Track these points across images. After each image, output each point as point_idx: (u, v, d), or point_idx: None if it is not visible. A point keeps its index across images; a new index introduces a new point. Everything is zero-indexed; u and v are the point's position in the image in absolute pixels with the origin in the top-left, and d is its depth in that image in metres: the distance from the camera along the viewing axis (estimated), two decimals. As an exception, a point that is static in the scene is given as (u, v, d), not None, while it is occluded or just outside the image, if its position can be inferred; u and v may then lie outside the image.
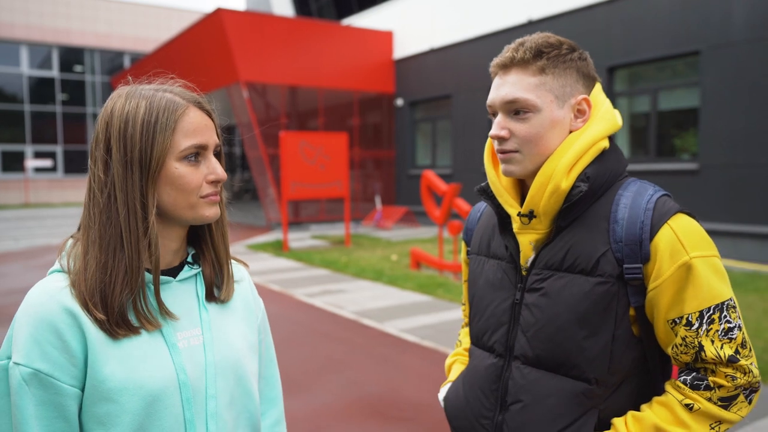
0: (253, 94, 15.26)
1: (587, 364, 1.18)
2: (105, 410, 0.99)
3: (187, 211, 1.07)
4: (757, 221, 8.81)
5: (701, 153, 9.54)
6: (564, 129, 1.23)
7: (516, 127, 1.22)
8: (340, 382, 4.51)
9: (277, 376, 1.34)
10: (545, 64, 1.21)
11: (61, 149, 30.43)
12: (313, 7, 20.99)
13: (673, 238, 1.14)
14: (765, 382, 4.30)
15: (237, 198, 23.22)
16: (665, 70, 10.40)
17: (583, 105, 1.24)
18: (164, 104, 1.05)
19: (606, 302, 1.16)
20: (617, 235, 1.17)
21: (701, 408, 1.12)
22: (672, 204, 1.19)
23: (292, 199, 12.44)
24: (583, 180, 1.19)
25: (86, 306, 1.00)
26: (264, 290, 7.89)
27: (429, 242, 11.85)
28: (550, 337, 1.20)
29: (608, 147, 1.24)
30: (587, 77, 1.26)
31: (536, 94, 1.20)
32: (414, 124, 16.57)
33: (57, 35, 30.70)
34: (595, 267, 1.17)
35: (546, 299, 1.22)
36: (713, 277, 1.13)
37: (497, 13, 13.31)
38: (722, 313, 1.12)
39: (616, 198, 1.21)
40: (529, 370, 1.24)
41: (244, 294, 1.24)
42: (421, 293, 7.54)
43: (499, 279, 1.32)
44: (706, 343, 1.12)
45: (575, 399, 1.19)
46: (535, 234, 1.25)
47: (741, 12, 8.97)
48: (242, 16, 15.18)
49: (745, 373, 1.12)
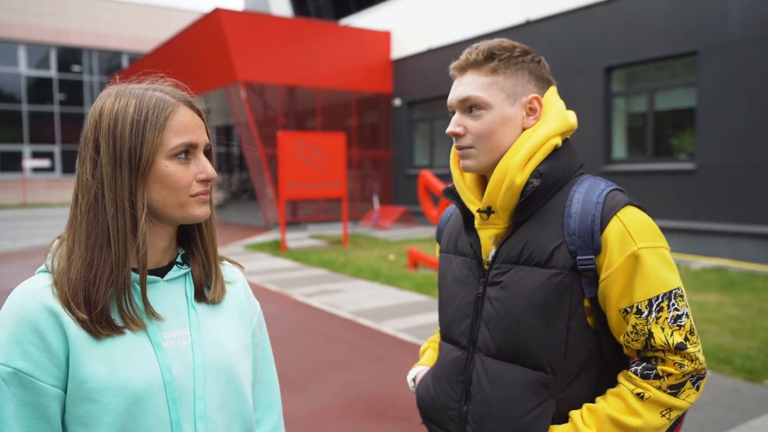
0: (251, 94, 15.26)
1: (543, 353, 1.22)
2: (87, 410, 0.98)
3: (176, 209, 1.07)
4: (754, 221, 8.83)
5: (698, 153, 9.55)
6: (516, 126, 1.30)
7: (470, 123, 1.31)
8: (337, 381, 4.51)
9: (275, 379, 1.31)
10: (497, 65, 1.29)
11: (58, 149, 30.40)
12: (311, 7, 20.99)
13: (622, 230, 1.19)
14: (758, 380, 4.32)
15: (235, 198, 23.20)
16: (663, 70, 10.42)
17: (534, 103, 1.30)
18: (154, 102, 1.05)
19: (560, 293, 1.21)
20: (571, 228, 1.22)
21: (651, 396, 1.16)
22: (621, 197, 1.24)
23: (289, 199, 12.44)
24: (535, 176, 1.25)
25: (68, 305, 0.99)
26: (261, 290, 7.90)
27: (426, 242, 11.86)
28: (508, 328, 1.26)
29: (561, 145, 1.30)
30: (540, 79, 1.33)
31: (488, 92, 1.29)
32: (412, 124, 16.57)
33: (55, 35, 30.67)
34: (550, 259, 1.23)
35: (505, 292, 1.27)
36: (661, 267, 1.18)
37: (495, 13, 13.32)
38: (671, 301, 1.17)
39: (571, 194, 1.27)
40: (490, 362, 1.29)
41: (238, 295, 1.23)
42: (419, 293, 7.55)
43: (464, 275, 1.38)
44: (655, 330, 1.17)
45: (532, 388, 1.23)
46: (495, 229, 1.31)
47: (738, 12, 8.99)
48: (240, 16, 15.17)
49: (692, 361, 1.16)
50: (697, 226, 9.49)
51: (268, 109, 16.57)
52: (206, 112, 1.14)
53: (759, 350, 4.90)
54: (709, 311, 6.18)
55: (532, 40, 12.34)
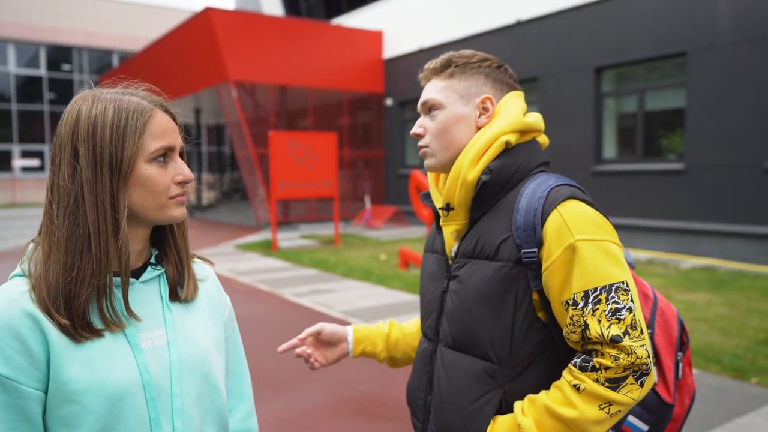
0: (242, 94, 15.23)
1: (490, 344, 1.26)
2: (69, 411, 1.00)
3: (156, 211, 1.10)
4: (743, 221, 8.90)
5: (687, 153, 9.62)
6: (470, 124, 1.36)
7: (428, 124, 1.39)
8: (328, 381, 4.52)
9: (246, 371, 1.36)
10: (453, 71, 1.38)
11: (48, 148, 30.17)
12: (302, 6, 20.95)
13: (560, 222, 1.21)
14: (746, 379, 4.36)
15: (226, 198, 23.13)
16: (652, 70, 10.49)
17: (486, 103, 1.36)
18: (132, 107, 1.07)
19: (506, 285, 1.25)
20: (517, 222, 1.25)
21: (587, 388, 1.16)
22: (565, 191, 1.25)
23: (281, 199, 12.42)
24: (486, 173, 1.30)
25: (48, 311, 1.00)
26: (252, 290, 7.89)
27: (418, 242, 11.88)
28: (461, 319, 1.31)
29: (513, 143, 1.33)
30: (498, 82, 1.39)
31: (443, 94, 1.37)
32: (403, 124, 16.58)
33: (45, 33, 30.46)
34: (497, 252, 1.27)
35: (460, 285, 1.32)
36: (601, 260, 1.18)
37: (486, 13, 13.36)
38: (610, 294, 1.16)
39: (522, 189, 1.29)
40: (448, 353, 1.34)
41: (210, 292, 1.26)
42: (410, 292, 7.56)
43: (434, 271, 1.45)
44: (591, 321, 1.16)
45: (479, 377, 1.27)
46: (455, 225, 1.37)
47: (727, 14, 9.07)
48: (231, 15, 15.13)
49: (628, 354, 1.13)
50: (686, 225, 9.57)
51: (259, 108, 16.54)
52: (179, 115, 1.18)
53: (747, 349, 4.95)
54: (698, 310, 6.23)
55: (522, 40, 12.39)
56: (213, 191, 23.35)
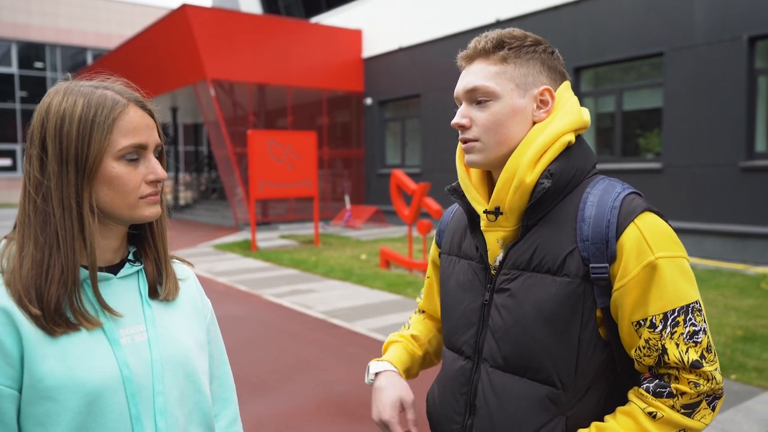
0: (220, 92, 15.06)
1: (554, 367, 1.15)
2: (44, 410, 0.97)
3: (126, 210, 1.06)
4: (719, 220, 9.03)
5: (664, 153, 9.74)
6: (526, 118, 1.20)
7: (477, 115, 1.21)
8: (308, 382, 4.46)
9: (230, 376, 1.33)
10: (507, 54, 1.20)
11: (21, 147, 29.59)
12: (281, 4, 20.81)
13: (639, 237, 1.11)
14: (724, 376, 4.39)
15: (204, 197, 22.87)
16: (630, 71, 10.59)
17: (545, 95, 1.21)
18: (102, 102, 1.03)
19: (572, 303, 1.13)
20: (584, 233, 1.14)
21: (665, 416, 1.09)
22: (639, 202, 1.15)
23: (260, 199, 12.30)
24: (546, 176, 1.16)
25: (21, 302, 0.98)
26: (232, 290, 7.79)
27: (398, 241, 11.85)
28: (516, 338, 1.18)
29: (574, 143, 1.21)
30: (553, 71, 1.24)
31: (496, 81, 1.19)
32: (383, 123, 16.56)
33: (16, 30, 29.86)
34: (561, 266, 1.15)
35: (513, 300, 1.19)
36: (679, 279, 1.11)
37: (465, 13, 13.38)
38: (687, 315, 1.10)
39: (584, 196, 1.18)
40: (497, 374, 1.21)
41: (191, 293, 1.24)
42: (391, 292, 7.53)
43: (469, 280, 1.29)
44: (669, 346, 1.09)
45: (541, 404, 1.16)
46: (502, 231, 1.22)
47: (703, 15, 9.19)
48: (208, 12, 14.96)
49: (708, 380, 1.09)
50: (663, 224, 9.67)
51: (237, 107, 16.38)
52: (157, 112, 1.13)
53: (725, 346, 5.00)
54: (676, 308, 6.29)
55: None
56: (190, 191, 23.06)
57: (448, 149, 13.95)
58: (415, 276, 8.39)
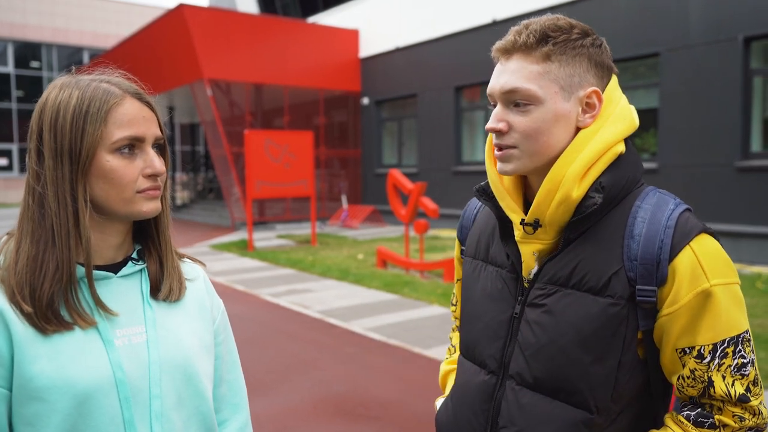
0: (217, 92, 15.05)
1: (590, 390, 1.06)
2: (34, 410, 0.95)
3: (121, 205, 1.03)
4: (714, 219, 9.06)
5: (660, 153, 9.77)
6: (570, 124, 1.09)
7: (515, 119, 1.08)
8: (306, 381, 4.47)
9: (241, 380, 1.28)
10: (551, 50, 1.07)
11: (17, 147, 29.52)
12: (278, 4, 20.80)
13: (694, 263, 1.02)
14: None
15: (200, 197, 22.84)
16: (626, 71, 10.62)
17: (593, 98, 1.09)
18: (97, 94, 1.02)
19: (615, 325, 1.05)
20: (632, 252, 1.04)
21: None
22: (695, 222, 1.05)
23: (257, 198, 12.30)
24: (597, 190, 1.05)
25: (13, 299, 0.97)
26: (229, 290, 7.79)
27: (395, 241, 11.86)
28: (550, 359, 1.09)
29: (624, 151, 1.11)
30: (600, 67, 1.11)
31: (539, 84, 1.06)
32: (380, 123, 16.56)
33: (12, 30, 29.77)
34: (606, 286, 1.05)
35: (549, 317, 1.10)
36: (733, 307, 1.03)
37: (462, 13, 13.39)
38: (737, 347, 1.02)
39: (633, 210, 1.08)
40: (524, 392, 1.12)
41: (198, 293, 1.20)
42: (387, 292, 7.54)
43: (498, 289, 1.19)
44: (716, 378, 1.02)
45: (574, 428, 1.08)
46: (540, 244, 1.12)
47: (698, 15, 9.22)
48: (205, 12, 14.96)
49: (754, 414, 1.02)
50: (659, 224, 9.70)
51: (234, 107, 16.37)
52: (157, 105, 1.11)
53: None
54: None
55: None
56: (187, 191, 23.02)
57: (445, 149, 13.98)
58: (411, 276, 8.41)
